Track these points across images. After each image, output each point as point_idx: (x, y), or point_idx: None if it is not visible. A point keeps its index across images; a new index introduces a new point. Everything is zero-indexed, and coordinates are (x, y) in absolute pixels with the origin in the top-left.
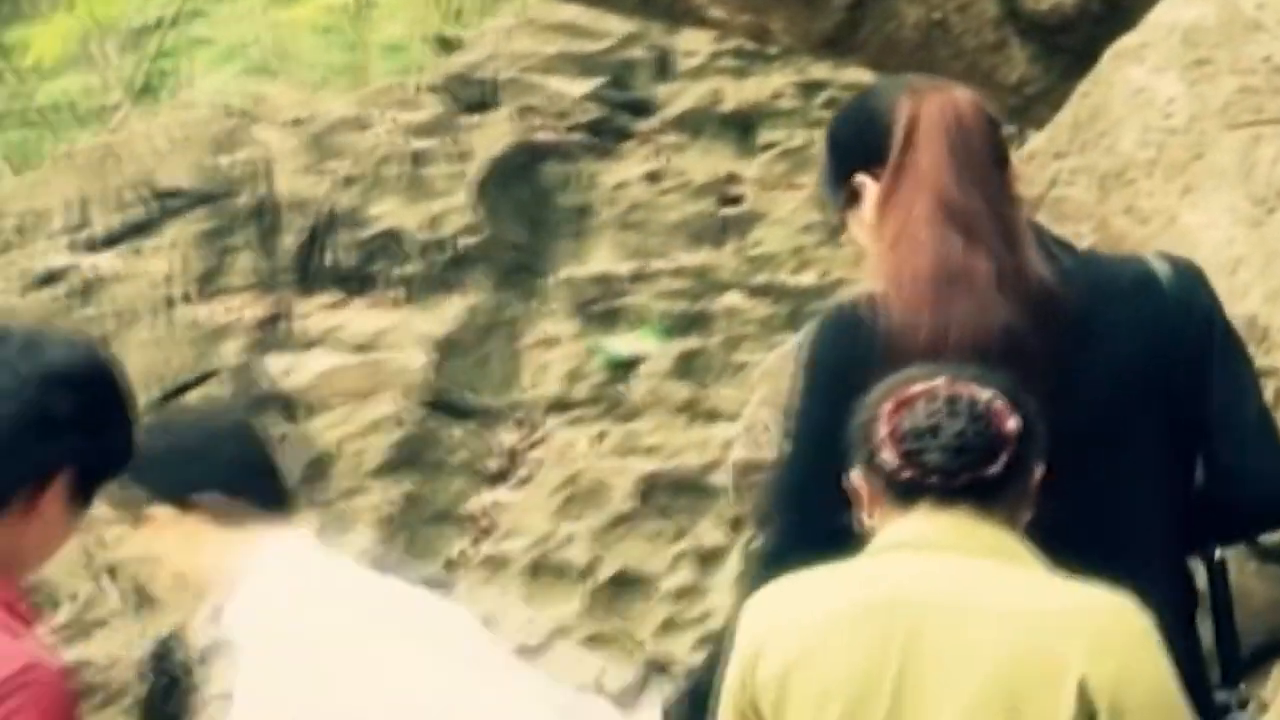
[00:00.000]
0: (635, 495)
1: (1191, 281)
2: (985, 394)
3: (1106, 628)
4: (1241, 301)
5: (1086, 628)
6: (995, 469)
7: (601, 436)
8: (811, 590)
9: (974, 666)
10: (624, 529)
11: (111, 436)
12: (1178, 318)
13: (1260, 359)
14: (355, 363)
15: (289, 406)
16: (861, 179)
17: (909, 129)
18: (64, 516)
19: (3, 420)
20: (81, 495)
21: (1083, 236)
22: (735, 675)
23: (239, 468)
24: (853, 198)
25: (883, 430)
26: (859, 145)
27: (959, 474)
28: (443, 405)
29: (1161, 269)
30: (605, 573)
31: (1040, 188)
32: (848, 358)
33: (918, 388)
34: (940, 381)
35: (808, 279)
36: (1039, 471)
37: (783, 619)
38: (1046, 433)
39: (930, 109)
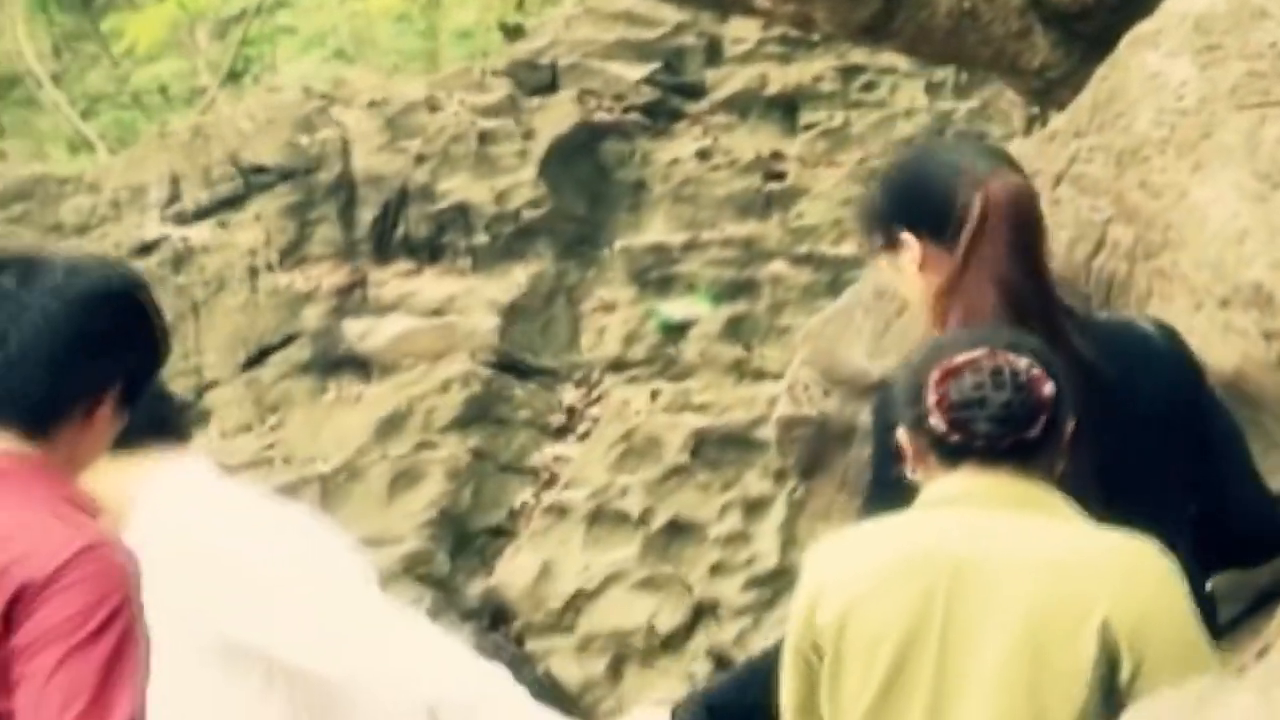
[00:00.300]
0: (687, 449)
1: (1178, 341)
2: (1023, 363)
3: (1130, 570)
4: (1248, 270)
5: (1112, 571)
6: (1035, 432)
7: (655, 395)
8: (866, 542)
9: (1008, 615)
10: (676, 480)
11: (149, 350)
12: (1175, 374)
13: (1266, 323)
14: (427, 326)
15: (365, 367)
16: (907, 236)
17: (981, 220)
18: (113, 423)
19: (57, 343)
20: (126, 402)
21: (1100, 210)
22: (798, 618)
23: None
24: (892, 245)
25: (931, 398)
26: (913, 207)
27: (1003, 439)
28: (508, 366)
29: (1152, 330)
30: (658, 521)
31: (1061, 164)
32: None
33: (961, 358)
34: (982, 352)
35: (846, 249)
36: (1070, 428)
37: (840, 569)
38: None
39: (998, 200)
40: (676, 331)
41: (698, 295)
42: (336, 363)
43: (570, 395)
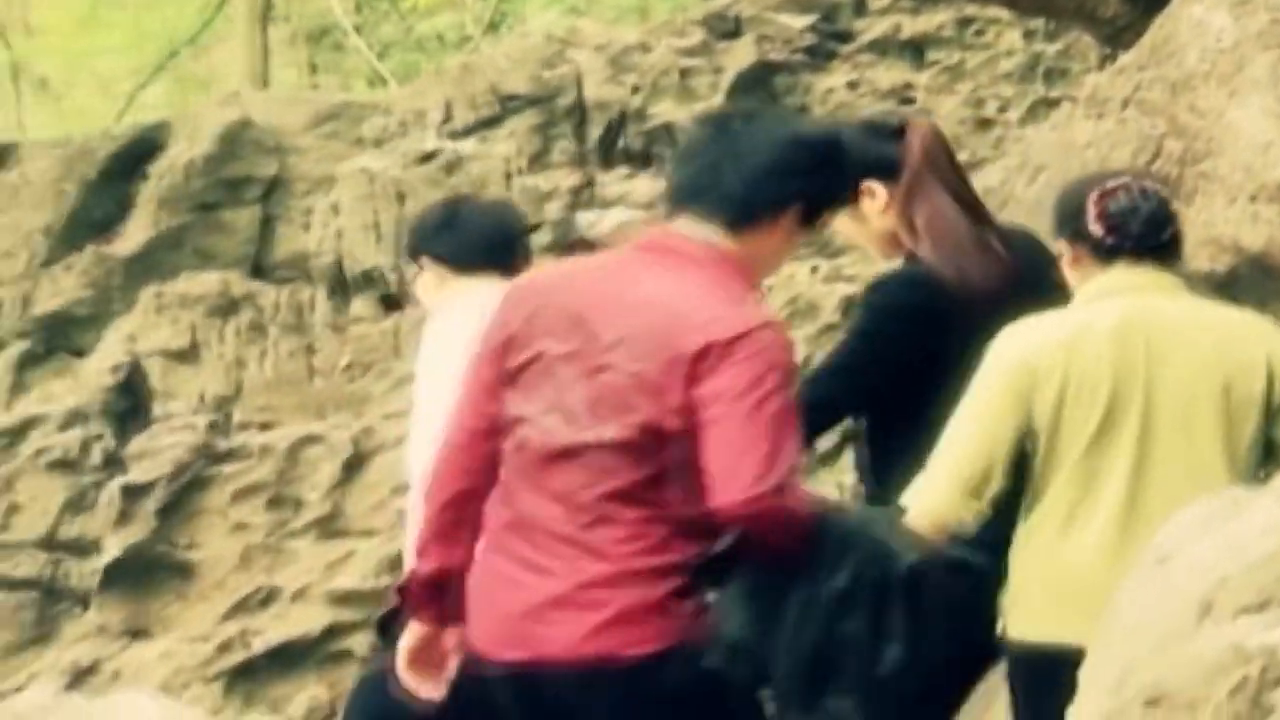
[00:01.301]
0: (838, 310)
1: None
2: (1157, 186)
3: (1269, 328)
4: (1272, 172)
5: (1260, 327)
6: (1168, 234)
7: (814, 269)
8: (1052, 323)
9: (1197, 358)
10: (829, 335)
11: (826, 188)
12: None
13: None
14: (641, 217)
15: (593, 248)
16: (870, 184)
17: (921, 150)
18: (793, 236)
19: (759, 165)
20: (807, 223)
21: (1157, 127)
22: (1012, 364)
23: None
24: (855, 197)
25: (1092, 211)
26: (871, 161)
27: (1148, 239)
28: None
29: (1032, 236)
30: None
31: (1127, 92)
32: (929, 308)
33: (1113, 183)
34: (1128, 179)
35: (965, 154)
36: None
37: (1042, 336)
38: None
39: (930, 135)
40: None
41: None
42: (571, 245)
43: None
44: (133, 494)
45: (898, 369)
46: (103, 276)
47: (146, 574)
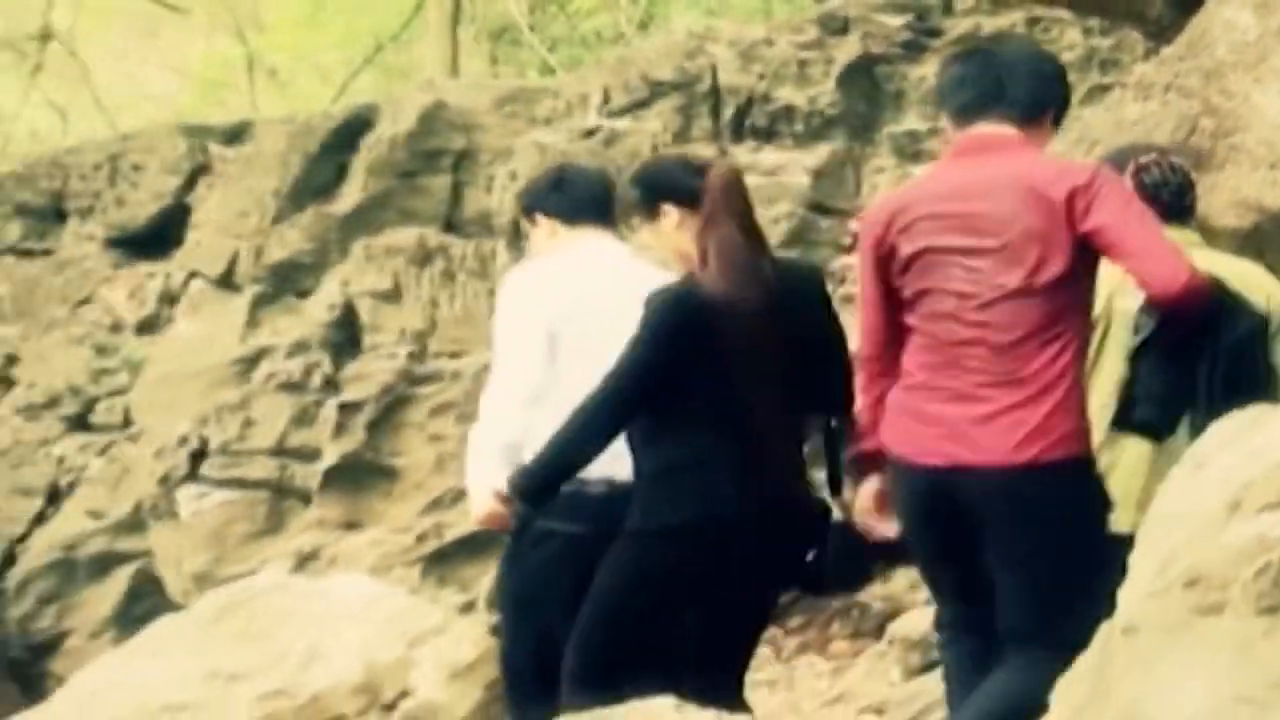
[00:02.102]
0: None
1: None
2: (1180, 161)
3: (1267, 275)
4: None
5: (1259, 274)
6: (1189, 201)
7: None
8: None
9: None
10: None
11: (1069, 96)
12: (821, 291)
13: None
14: (768, 182)
15: None
16: (668, 208)
17: (720, 189)
18: (1051, 133)
19: (1034, 72)
20: (1056, 123)
21: (1194, 108)
22: None
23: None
24: (654, 215)
25: (1129, 184)
26: (671, 188)
27: (1175, 205)
28: (815, 206)
29: (803, 265)
30: None
31: (1169, 78)
32: (693, 317)
33: (1146, 159)
34: (1157, 153)
35: None
36: None
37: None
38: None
39: (725, 177)
40: None
41: (935, 160)
42: None
43: (854, 225)
44: (347, 411)
45: (666, 371)
46: (322, 232)
47: (358, 477)
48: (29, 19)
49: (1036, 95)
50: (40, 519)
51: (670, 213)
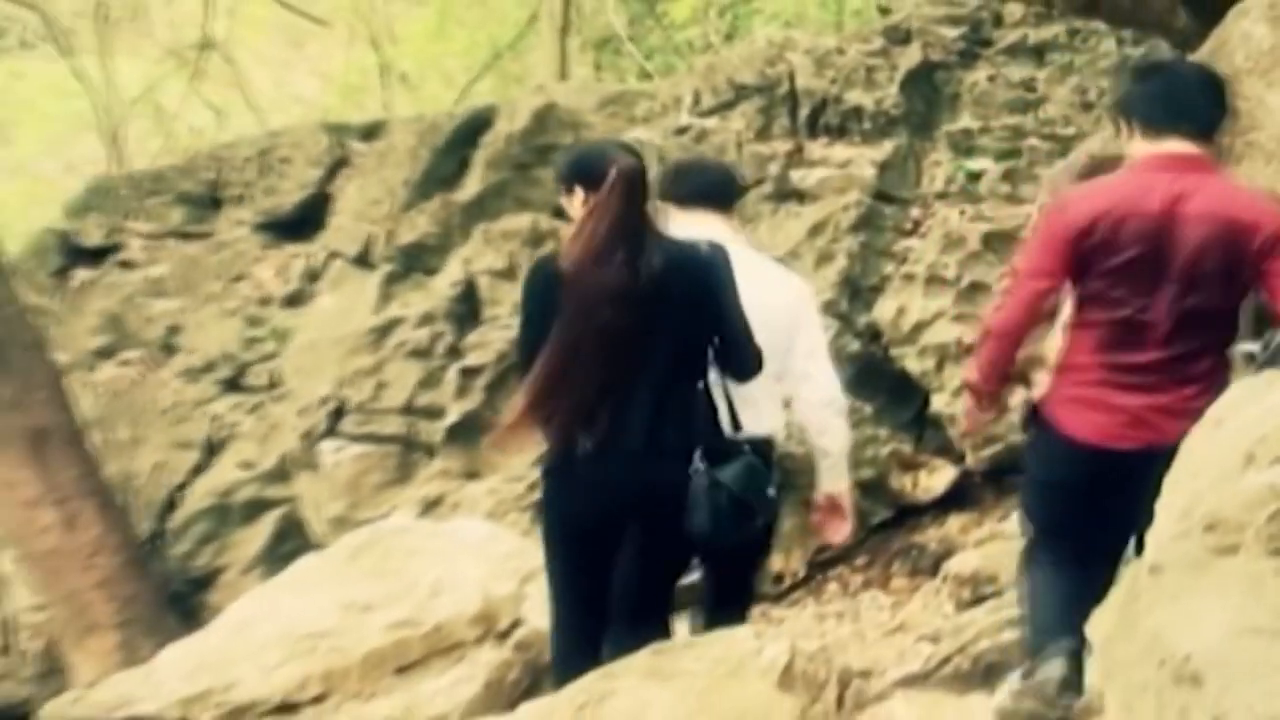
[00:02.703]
0: (980, 242)
1: (719, 250)
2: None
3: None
4: None
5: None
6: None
7: (962, 211)
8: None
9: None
10: (973, 259)
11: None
12: (709, 275)
13: None
14: (838, 174)
15: (803, 197)
16: (577, 188)
17: (612, 180)
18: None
19: (1217, 94)
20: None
21: None
22: None
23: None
24: (570, 193)
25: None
26: (582, 174)
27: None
28: (881, 196)
29: (702, 249)
30: (964, 282)
31: None
32: (544, 285)
33: (1087, 157)
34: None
35: (1071, 131)
36: None
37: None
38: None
39: (623, 168)
40: (975, 177)
41: (986, 156)
42: (786, 194)
43: (916, 212)
44: (467, 374)
45: (535, 320)
46: (446, 217)
47: (477, 432)
48: (191, 30)
49: (1220, 114)
50: (198, 470)
51: (578, 192)
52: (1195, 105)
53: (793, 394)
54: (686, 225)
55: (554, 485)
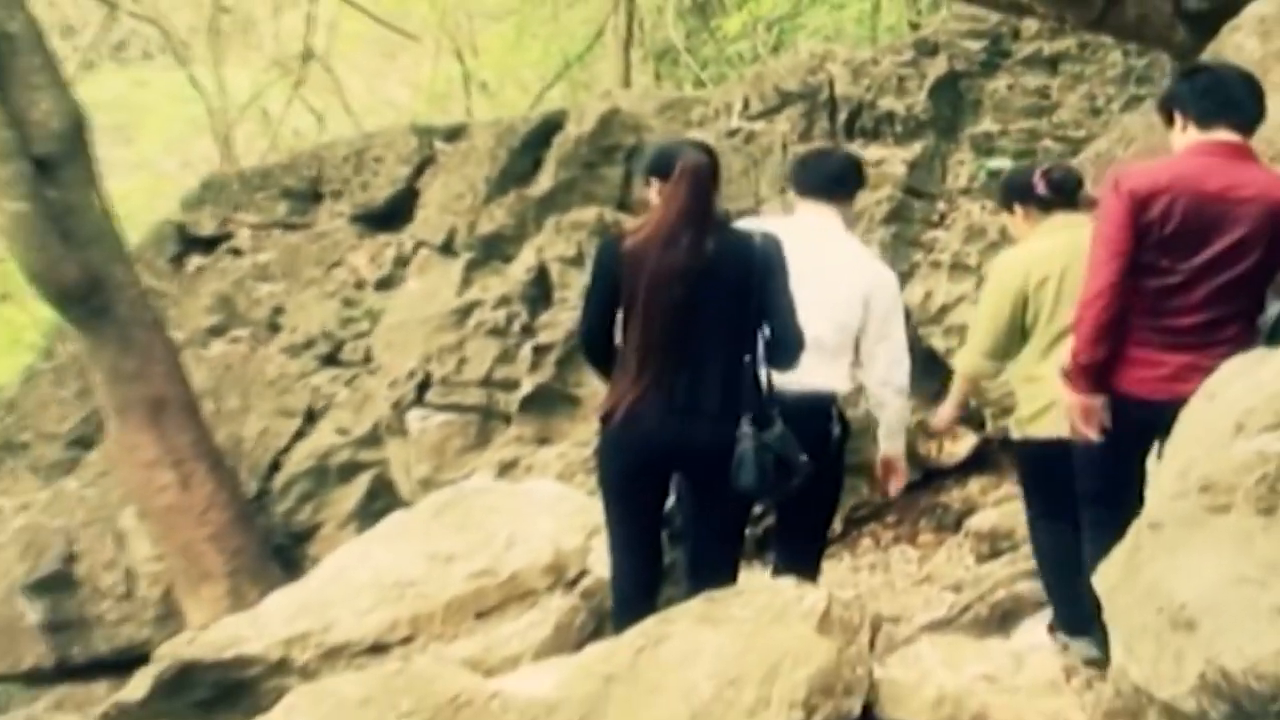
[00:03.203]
0: (999, 234)
1: (771, 240)
2: (1074, 168)
3: None
4: None
5: None
6: (1082, 194)
7: (983, 206)
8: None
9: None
10: (993, 249)
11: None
12: (759, 261)
13: None
14: (873, 172)
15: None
16: (653, 180)
17: (680, 172)
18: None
19: (1257, 91)
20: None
21: None
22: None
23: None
24: (648, 184)
25: (1041, 183)
26: (657, 168)
27: (1073, 195)
28: (910, 190)
29: (755, 239)
30: (985, 269)
31: None
32: (609, 256)
33: (1050, 165)
34: (1059, 163)
35: (1082, 133)
36: None
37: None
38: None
39: (689, 166)
40: (995, 175)
41: (1005, 156)
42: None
43: (941, 207)
44: (540, 351)
45: (604, 297)
46: (522, 210)
47: (549, 403)
48: (294, 43)
49: (1256, 111)
50: (299, 435)
51: (654, 184)
52: (1240, 99)
53: (862, 371)
54: (802, 214)
55: (611, 438)
